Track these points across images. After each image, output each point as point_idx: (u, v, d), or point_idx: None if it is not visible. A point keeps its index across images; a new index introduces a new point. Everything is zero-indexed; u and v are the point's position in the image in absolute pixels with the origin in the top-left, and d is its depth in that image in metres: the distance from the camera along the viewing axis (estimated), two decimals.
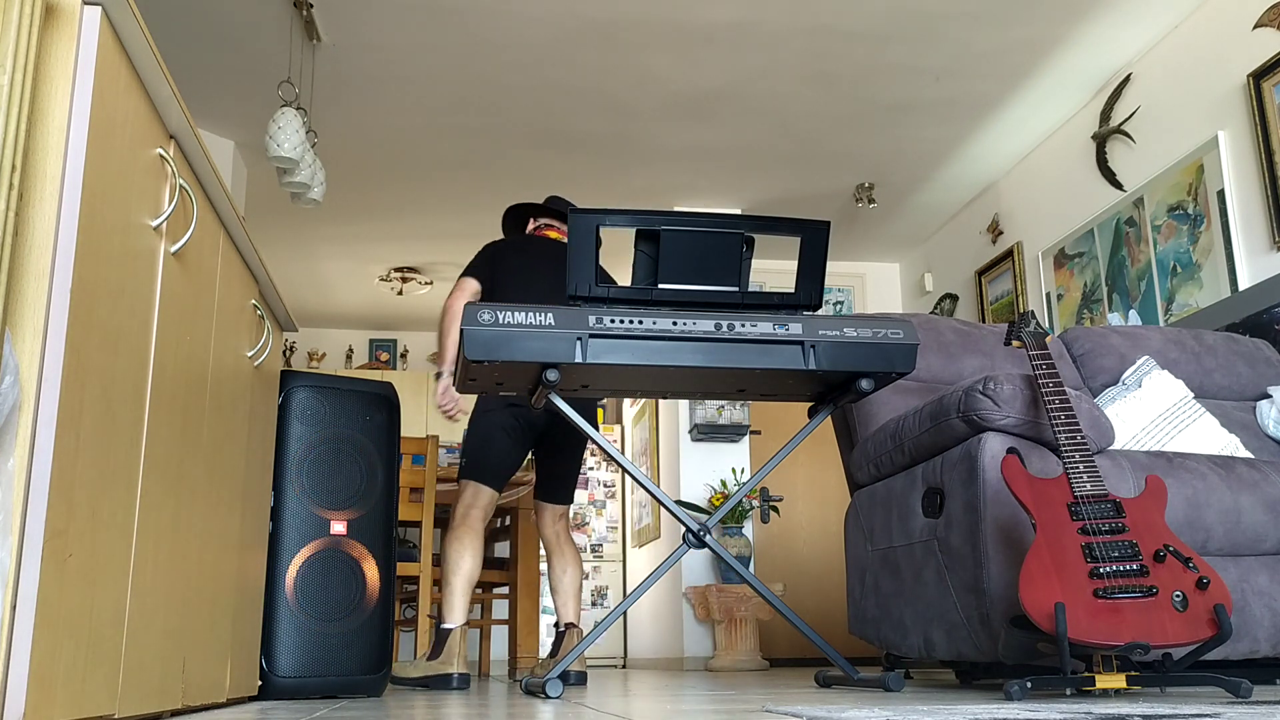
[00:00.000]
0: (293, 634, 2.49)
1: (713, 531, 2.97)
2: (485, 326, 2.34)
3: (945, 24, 4.34)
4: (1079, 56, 4.61)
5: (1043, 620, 1.92)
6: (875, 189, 5.93)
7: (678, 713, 1.80)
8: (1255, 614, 2.40)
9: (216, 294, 1.90)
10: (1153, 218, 4.47)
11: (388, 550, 2.71)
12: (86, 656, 1.30)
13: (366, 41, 4.42)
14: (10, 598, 1.12)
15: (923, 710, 1.61)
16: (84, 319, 1.26)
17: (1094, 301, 4.88)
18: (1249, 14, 3.94)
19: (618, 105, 4.98)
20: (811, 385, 2.64)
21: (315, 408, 2.64)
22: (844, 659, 2.67)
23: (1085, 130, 4.99)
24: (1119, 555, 1.99)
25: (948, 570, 2.47)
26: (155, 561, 1.57)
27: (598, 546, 7.77)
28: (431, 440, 4.08)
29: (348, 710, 2.05)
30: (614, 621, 2.60)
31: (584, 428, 2.64)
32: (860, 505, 3.01)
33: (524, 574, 4.59)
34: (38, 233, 1.20)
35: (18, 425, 1.15)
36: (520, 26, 4.33)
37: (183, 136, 1.64)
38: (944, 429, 2.52)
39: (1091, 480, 2.11)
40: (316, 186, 4.45)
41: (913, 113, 5.10)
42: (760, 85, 4.81)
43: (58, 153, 1.23)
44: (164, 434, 1.60)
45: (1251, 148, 3.91)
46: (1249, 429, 3.13)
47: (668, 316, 2.43)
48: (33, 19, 1.16)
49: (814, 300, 2.58)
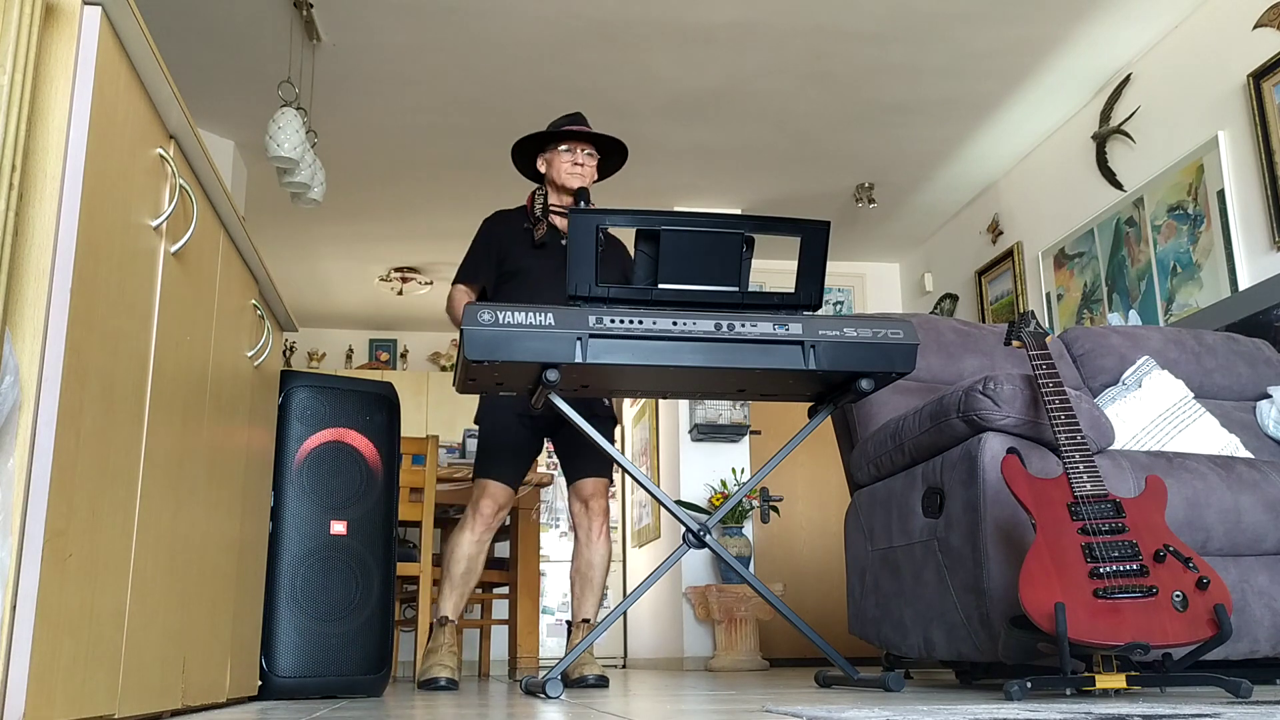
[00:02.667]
0: (293, 634, 2.49)
1: (713, 531, 2.96)
2: (485, 326, 2.34)
3: (945, 24, 4.34)
4: (1079, 56, 4.61)
5: (1043, 620, 1.92)
6: (875, 189, 5.93)
7: (678, 713, 1.80)
8: (1255, 614, 2.40)
9: (216, 294, 1.90)
10: (1153, 218, 4.47)
11: (388, 550, 2.71)
12: (86, 656, 1.30)
13: (366, 41, 4.42)
14: (10, 598, 1.12)
15: (923, 710, 1.61)
16: (84, 319, 1.26)
17: (1094, 301, 4.88)
18: (1249, 14, 3.94)
19: (618, 105, 4.98)
20: (811, 385, 2.64)
21: (315, 408, 2.64)
22: (844, 659, 2.67)
23: (1085, 130, 4.99)
24: (1119, 555, 1.99)
25: (948, 570, 2.47)
26: (155, 561, 1.57)
27: None
28: (431, 440, 4.08)
29: (348, 710, 2.05)
30: (614, 621, 2.60)
31: (581, 426, 2.64)
32: (860, 505, 3.01)
33: (524, 574, 4.59)
34: (38, 233, 1.20)
35: (18, 425, 1.15)
36: (520, 26, 4.33)
37: (183, 136, 1.64)
38: (944, 429, 2.52)
39: (1091, 480, 2.11)
40: (316, 186, 4.45)
41: (913, 113, 5.09)
42: (760, 85, 4.81)
43: (58, 153, 1.23)
44: (164, 434, 1.60)
45: (1251, 148, 3.91)
46: (1249, 429, 3.13)
47: (668, 316, 2.43)
48: (33, 19, 1.16)
49: (814, 300, 2.58)
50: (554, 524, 7.69)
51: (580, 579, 3.33)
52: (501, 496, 3.27)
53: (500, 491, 3.27)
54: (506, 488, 3.28)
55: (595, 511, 3.32)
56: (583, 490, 3.33)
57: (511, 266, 3.36)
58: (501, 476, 3.27)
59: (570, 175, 3.33)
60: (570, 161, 3.34)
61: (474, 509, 3.27)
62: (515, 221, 3.43)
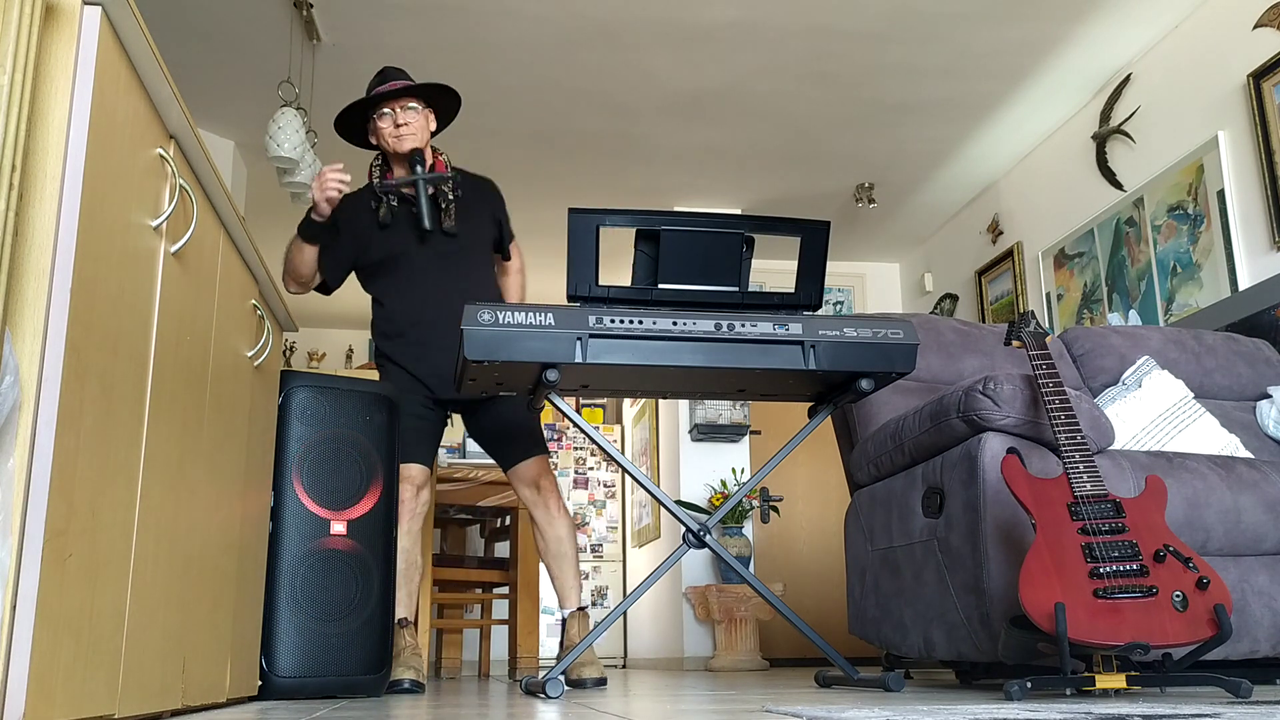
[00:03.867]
0: (293, 634, 2.49)
1: (713, 531, 2.95)
2: (485, 326, 2.34)
3: (945, 24, 4.34)
4: (1079, 56, 4.61)
5: (1043, 620, 1.92)
6: (875, 189, 5.93)
7: (678, 713, 1.80)
8: (1255, 614, 2.40)
9: (216, 294, 1.90)
10: (1153, 218, 4.47)
11: (388, 550, 2.71)
12: (86, 656, 1.30)
13: (366, 41, 4.42)
14: (10, 598, 1.12)
15: (923, 710, 1.61)
16: (84, 319, 1.26)
17: (1094, 301, 4.88)
18: (1249, 14, 3.94)
19: (618, 105, 4.98)
20: (811, 385, 2.64)
21: (315, 408, 2.64)
22: (844, 659, 2.67)
23: (1085, 130, 4.99)
24: (1119, 555, 1.99)
25: (948, 570, 2.47)
26: (155, 561, 1.57)
27: (598, 546, 7.77)
28: None
29: (348, 710, 2.05)
30: (614, 621, 2.60)
31: (582, 426, 2.64)
32: (860, 505, 3.01)
33: (524, 574, 4.59)
34: (38, 233, 1.20)
35: (18, 425, 1.15)
36: (520, 26, 4.33)
37: (183, 136, 1.64)
38: (944, 429, 2.52)
39: (1091, 480, 2.11)
40: None
41: (913, 113, 5.09)
42: (760, 85, 4.81)
43: (58, 153, 1.23)
44: (164, 434, 1.60)
45: (1251, 148, 3.91)
46: (1249, 429, 3.13)
47: (668, 316, 2.43)
48: (33, 19, 1.16)
49: (814, 300, 2.58)
50: None
51: (555, 559, 3.17)
52: (418, 477, 3.08)
53: (415, 471, 3.07)
54: (421, 466, 3.09)
55: (547, 489, 3.16)
56: (526, 473, 3.17)
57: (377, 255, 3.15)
58: (413, 456, 3.07)
59: (397, 139, 3.08)
60: (391, 124, 3.09)
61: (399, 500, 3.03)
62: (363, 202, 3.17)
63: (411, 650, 3.05)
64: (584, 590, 3.30)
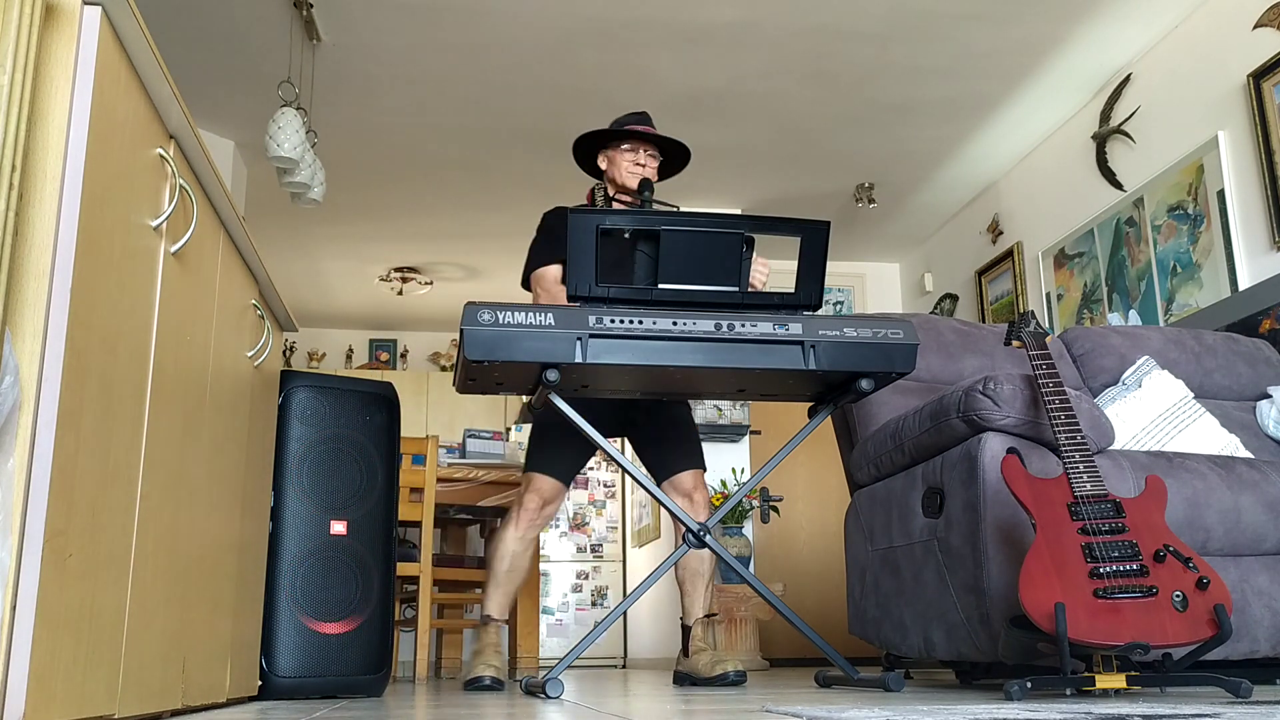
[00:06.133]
0: (293, 634, 2.49)
1: (713, 531, 2.94)
2: (485, 326, 2.34)
3: (945, 24, 4.34)
4: (1079, 56, 4.61)
5: (1043, 620, 1.92)
6: (875, 189, 5.93)
7: (678, 713, 1.80)
8: (1255, 614, 2.40)
9: (216, 294, 1.90)
10: (1153, 218, 4.47)
11: (388, 550, 2.71)
12: (86, 656, 1.30)
13: (366, 41, 4.42)
14: (10, 597, 1.12)
15: (923, 710, 1.61)
16: (84, 319, 1.26)
17: (1094, 301, 4.88)
18: (1249, 14, 3.94)
19: (618, 105, 4.97)
20: (811, 385, 2.64)
21: (315, 408, 2.64)
22: (844, 659, 2.67)
23: (1085, 130, 4.99)
24: (1119, 555, 1.99)
25: (948, 570, 2.47)
26: (155, 561, 1.57)
27: (598, 546, 7.78)
28: (431, 440, 4.08)
29: (348, 710, 2.05)
30: (614, 621, 2.60)
31: (580, 425, 2.64)
32: (860, 505, 3.01)
33: None
34: (38, 233, 1.20)
35: (18, 425, 1.15)
36: (520, 26, 4.33)
37: (183, 136, 1.64)
38: (944, 429, 2.51)
39: (1091, 480, 2.11)
40: (316, 186, 4.45)
41: (913, 113, 5.09)
42: (760, 85, 4.81)
43: (58, 153, 1.23)
44: (164, 434, 1.60)
45: (1251, 148, 3.91)
46: (1249, 429, 3.13)
47: (668, 316, 2.43)
48: (33, 19, 1.16)
49: (814, 300, 2.58)
50: (554, 524, 7.69)
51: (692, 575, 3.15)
52: (549, 491, 3.10)
53: (548, 485, 3.09)
54: (556, 482, 3.10)
55: (699, 504, 3.14)
56: (683, 485, 3.16)
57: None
58: (550, 470, 3.10)
59: (630, 175, 3.26)
60: (632, 161, 3.27)
61: (519, 504, 3.12)
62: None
63: (493, 648, 3.11)
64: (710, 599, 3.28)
